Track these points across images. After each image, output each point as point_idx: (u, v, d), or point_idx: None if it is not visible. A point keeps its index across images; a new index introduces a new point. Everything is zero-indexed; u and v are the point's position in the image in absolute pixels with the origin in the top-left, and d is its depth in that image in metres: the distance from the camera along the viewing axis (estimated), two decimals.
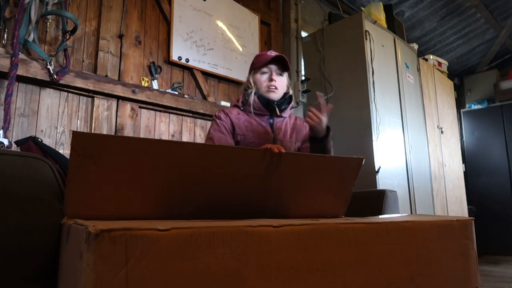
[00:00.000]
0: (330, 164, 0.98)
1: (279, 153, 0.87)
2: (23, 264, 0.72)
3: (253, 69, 1.52)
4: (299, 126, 1.56)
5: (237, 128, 1.44)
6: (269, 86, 1.47)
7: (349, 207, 1.07)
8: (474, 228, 0.89)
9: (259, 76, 1.49)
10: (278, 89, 1.48)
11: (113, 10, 1.99)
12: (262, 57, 1.51)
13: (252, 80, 1.51)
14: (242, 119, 1.46)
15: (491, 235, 4.10)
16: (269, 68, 1.48)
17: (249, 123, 1.46)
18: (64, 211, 0.74)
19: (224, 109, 1.51)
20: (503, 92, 4.44)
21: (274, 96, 1.48)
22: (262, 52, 1.58)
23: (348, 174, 1.00)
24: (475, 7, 3.91)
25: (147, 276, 0.51)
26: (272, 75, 1.48)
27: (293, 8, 3.05)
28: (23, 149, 1.38)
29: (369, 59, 2.56)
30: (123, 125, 1.93)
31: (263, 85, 1.48)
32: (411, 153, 2.82)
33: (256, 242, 0.60)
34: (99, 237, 0.48)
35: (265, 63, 1.47)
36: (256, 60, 1.53)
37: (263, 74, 1.49)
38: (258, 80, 1.49)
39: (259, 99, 1.48)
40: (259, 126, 1.47)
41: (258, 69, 1.50)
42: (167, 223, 0.58)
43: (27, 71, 1.59)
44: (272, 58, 1.47)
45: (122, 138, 0.81)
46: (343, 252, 0.69)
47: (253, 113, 1.48)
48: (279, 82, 1.49)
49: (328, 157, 0.97)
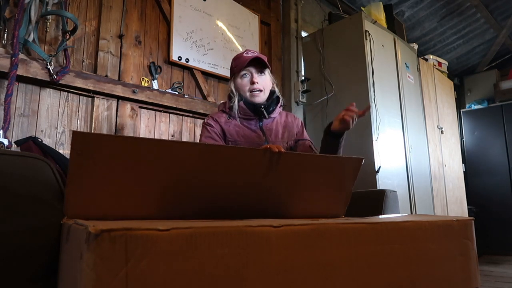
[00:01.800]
0: (330, 164, 0.98)
1: (279, 153, 0.87)
2: (23, 264, 0.72)
3: (232, 74, 1.47)
4: (290, 123, 1.52)
5: (228, 134, 1.41)
6: (252, 90, 1.41)
7: (349, 207, 1.07)
8: (474, 228, 0.89)
9: (240, 81, 1.43)
10: (263, 90, 1.43)
11: (113, 10, 1.99)
12: (239, 60, 1.44)
13: (234, 87, 1.45)
14: (231, 125, 1.42)
15: (491, 235, 4.10)
16: (248, 70, 1.42)
17: (239, 128, 1.42)
18: (64, 211, 0.74)
19: (213, 115, 1.47)
20: (503, 92, 4.44)
21: (260, 99, 1.43)
22: (239, 54, 1.50)
23: (348, 174, 1.00)
24: (475, 7, 3.91)
25: (147, 276, 0.51)
26: (253, 77, 1.41)
27: (293, 8, 3.05)
28: (23, 149, 1.38)
29: (369, 59, 2.56)
30: (123, 125, 1.93)
31: (246, 89, 1.42)
32: (411, 153, 2.82)
33: (256, 242, 0.60)
34: (99, 237, 0.48)
35: (244, 66, 1.40)
36: (234, 64, 1.47)
37: (243, 77, 1.43)
38: (240, 85, 1.43)
39: (246, 105, 1.42)
40: (249, 130, 1.43)
41: (237, 74, 1.44)
42: (167, 223, 0.58)
43: (27, 71, 1.59)
44: (250, 60, 1.40)
45: (122, 138, 0.81)
46: (343, 252, 0.69)
47: (241, 118, 1.44)
48: (261, 82, 1.43)
49: (328, 156, 0.97)
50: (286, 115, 1.55)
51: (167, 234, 0.53)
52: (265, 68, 1.45)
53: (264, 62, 1.43)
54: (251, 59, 1.40)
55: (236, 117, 1.43)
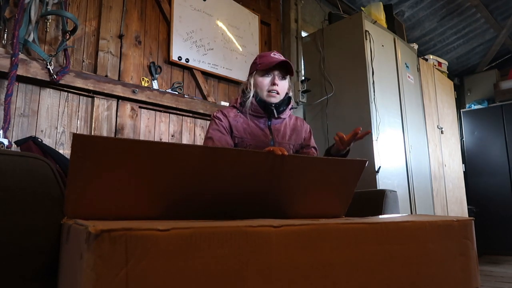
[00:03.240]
0: (333, 166, 0.97)
1: (282, 155, 0.87)
2: (23, 263, 0.72)
3: (255, 70, 1.46)
4: (299, 127, 1.53)
5: (235, 130, 1.41)
6: (270, 91, 1.42)
7: (349, 207, 1.07)
8: (474, 228, 0.89)
9: (261, 79, 1.44)
10: (280, 94, 1.44)
11: (113, 10, 1.99)
12: (266, 59, 1.44)
13: (253, 82, 1.45)
14: (240, 121, 1.43)
15: (491, 235, 4.10)
16: (273, 71, 1.43)
17: (247, 125, 1.43)
18: (64, 211, 0.74)
19: (222, 110, 1.48)
20: (503, 92, 4.44)
21: (275, 100, 1.44)
22: (265, 52, 1.51)
23: (351, 175, 1.00)
24: (475, 7, 3.91)
25: (147, 276, 0.51)
26: (275, 80, 1.42)
27: (293, 8, 3.05)
28: (23, 149, 1.38)
29: (369, 59, 2.56)
30: (123, 125, 1.93)
31: (265, 89, 1.43)
32: (411, 153, 2.82)
33: (256, 242, 0.60)
34: (99, 237, 0.48)
35: (270, 67, 1.41)
36: (259, 61, 1.47)
37: (265, 77, 1.43)
38: (260, 83, 1.44)
39: (258, 102, 1.44)
40: (257, 128, 1.44)
41: (260, 72, 1.44)
42: (167, 223, 0.58)
43: (27, 71, 1.59)
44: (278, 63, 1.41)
45: (123, 140, 0.80)
46: (343, 252, 0.69)
47: (251, 115, 1.45)
48: (281, 86, 1.44)
49: (331, 159, 0.97)
50: (296, 119, 1.57)
51: (167, 234, 0.53)
52: (287, 74, 1.47)
53: (291, 68, 1.45)
54: (279, 62, 1.41)
55: (246, 113, 1.44)
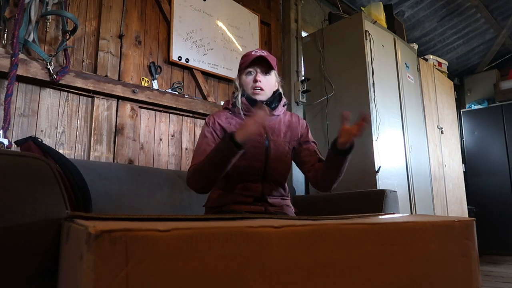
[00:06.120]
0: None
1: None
2: (23, 264, 0.72)
3: (239, 71, 1.49)
4: (294, 124, 1.52)
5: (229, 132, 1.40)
6: (254, 88, 1.43)
7: (349, 207, 1.07)
8: (475, 228, 0.89)
9: (244, 77, 1.45)
10: (264, 90, 1.44)
11: (113, 10, 1.99)
12: (247, 57, 1.46)
13: (238, 82, 1.47)
14: (233, 123, 1.43)
15: (491, 235, 4.10)
16: (254, 68, 1.43)
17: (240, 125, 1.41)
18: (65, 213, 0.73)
19: (214, 114, 1.48)
20: (503, 92, 4.44)
21: (261, 97, 1.44)
22: (248, 51, 1.52)
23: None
24: (475, 7, 3.90)
25: (147, 277, 0.50)
26: (257, 76, 1.42)
27: (293, 8, 3.04)
28: (23, 149, 1.38)
29: (369, 59, 2.56)
30: (123, 125, 1.93)
31: (249, 87, 1.44)
32: (411, 153, 2.82)
33: (257, 242, 0.60)
34: (99, 238, 0.48)
35: (249, 63, 1.42)
36: (241, 61, 1.49)
37: (248, 75, 1.44)
38: (244, 82, 1.45)
39: (247, 100, 1.44)
40: None
41: (243, 70, 1.45)
42: (167, 224, 0.58)
43: (27, 71, 1.59)
44: (255, 58, 1.41)
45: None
46: (344, 252, 0.68)
47: (243, 115, 1.44)
48: (264, 82, 1.44)
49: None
50: (291, 115, 1.56)
51: (167, 235, 0.53)
52: (270, 69, 1.46)
53: (271, 63, 1.43)
54: (255, 57, 1.42)
55: (240, 113, 1.44)
